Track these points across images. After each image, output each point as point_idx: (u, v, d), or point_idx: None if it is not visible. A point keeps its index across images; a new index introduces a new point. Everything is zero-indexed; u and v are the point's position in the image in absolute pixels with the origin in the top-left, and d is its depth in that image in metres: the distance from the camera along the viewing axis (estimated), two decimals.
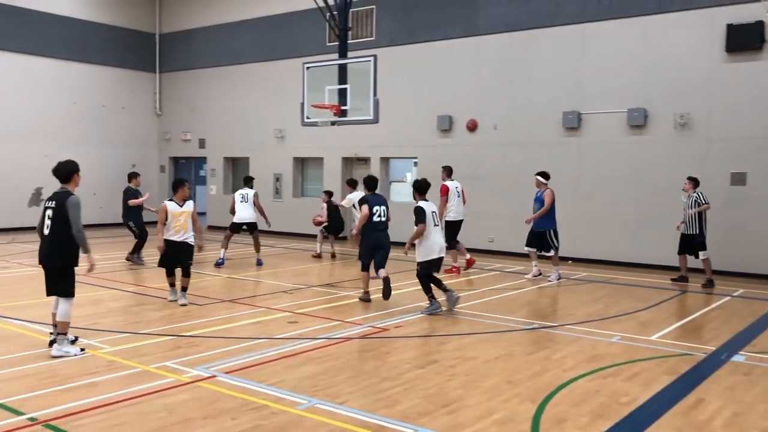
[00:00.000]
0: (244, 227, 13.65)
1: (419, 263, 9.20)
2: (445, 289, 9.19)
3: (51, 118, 20.27)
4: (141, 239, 13.45)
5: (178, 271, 9.45)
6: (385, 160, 18.17)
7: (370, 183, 10.05)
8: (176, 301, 9.36)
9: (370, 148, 18.01)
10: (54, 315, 6.76)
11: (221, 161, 21.74)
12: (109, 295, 10.01)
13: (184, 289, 9.37)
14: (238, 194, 13.77)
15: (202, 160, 22.73)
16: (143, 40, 22.81)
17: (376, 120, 12.66)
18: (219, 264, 13.02)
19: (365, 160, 18.52)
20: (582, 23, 14.68)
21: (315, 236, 15.39)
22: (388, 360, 6.79)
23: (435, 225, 9.22)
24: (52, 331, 6.85)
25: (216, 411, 5.18)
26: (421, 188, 9.44)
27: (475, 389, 5.86)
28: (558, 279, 12.04)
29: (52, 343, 6.73)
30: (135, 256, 13.40)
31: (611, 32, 14.33)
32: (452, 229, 12.67)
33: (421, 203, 9.27)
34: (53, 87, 20.34)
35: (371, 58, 12.51)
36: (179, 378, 5.97)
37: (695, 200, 11.75)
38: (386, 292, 9.37)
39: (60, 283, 6.69)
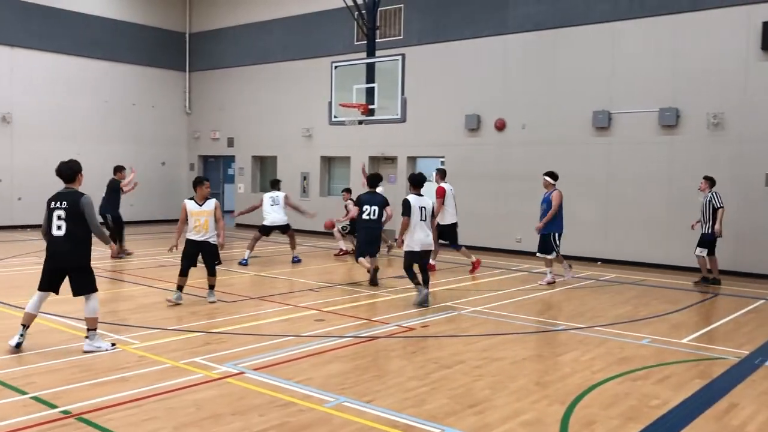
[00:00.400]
0: (277, 230, 13.65)
1: (405, 253, 9.57)
2: (418, 283, 9.47)
3: (82, 117, 20.62)
4: (118, 232, 13.78)
5: (193, 272, 9.26)
6: (411, 159, 18.14)
7: (415, 180, 9.81)
8: (173, 301, 9.07)
9: (397, 147, 18.00)
10: (31, 315, 6.73)
11: (249, 160, 21.91)
12: (141, 292, 10.14)
13: (211, 287, 9.38)
14: (267, 197, 13.67)
15: (230, 159, 22.93)
16: (173, 39, 23.08)
17: (403, 119, 12.65)
18: (243, 263, 13.10)
19: (392, 160, 18.51)
20: (613, 21, 14.50)
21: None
22: (415, 359, 6.78)
23: (422, 219, 9.41)
24: (22, 333, 6.67)
25: (244, 407, 5.22)
26: (414, 182, 9.69)
27: (503, 390, 5.82)
28: (550, 282, 11.52)
29: (19, 346, 6.63)
30: (123, 249, 13.81)
31: (643, 30, 14.13)
32: (446, 232, 12.67)
33: (410, 196, 9.52)
34: (85, 86, 20.69)
35: (399, 57, 12.50)
36: (208, 374, 6.03)
37: (710, 200, 11.70)
38: (372, 280, 10.89)
39: (83, 281, 6.72)
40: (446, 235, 12.76)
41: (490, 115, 16.32)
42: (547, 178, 11.80)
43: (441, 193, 12.69)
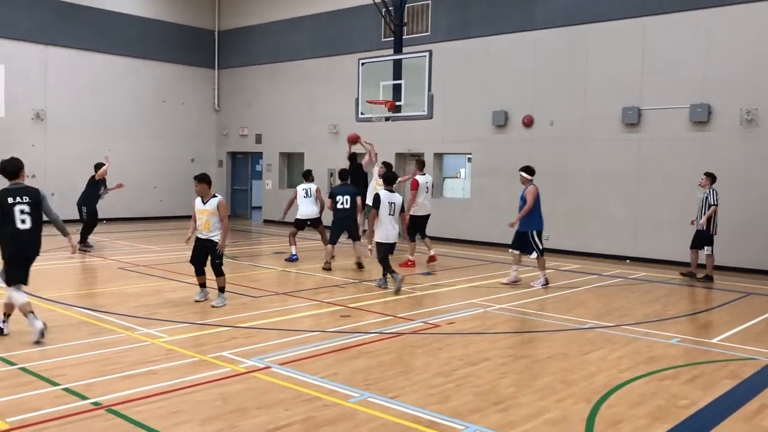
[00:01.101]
0: (308, 223, 13.52)
1: (376, 244, 10.35)
2: (393, 272, 10.25)
3: (114, 114, 20.96)
4: (89, 226, 14.02)
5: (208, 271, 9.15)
6: (438, 156, 18.10)
7: (387, 179, 10.72)
8: (203, 300, 9.06)
9: (423, 143, 17.97)
10: (9, 305, 7.01)
11: (277, 156, 22.06)
12: (169, 286, 10.28)
13: (220, 289, 8.96)
14: (300, 189, 13.48)
15: (258, 155, 23.11)
16: (203, 37, 23.33)
17: (430, 115, 12.63)
18: (291, 260, 13.15)
19: (419, 156, 18.47)
20: (643, 17, 14.29)
21: (365, 231, 15.19)
22: (440, 356, 6.77)
23: (390, 214, 10.30)
24: (4, 319, 7.07)
25: (270, 401, 5.27)
26: (386, 180, 10.61)
27: (528, 388, 5.79)
28: (544, 285, 10.88)
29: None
30: (84, 243, 13.95)
31: (673, 25, 13.91)
32: (417, 223, 12.96)
33: (382, 192, 10.38)
34: (116, 83, 21.02)
35: (426, 54, 12.49)
36: (235, 368, 6.10)
37: (706, 197, 11.82)
38: (327, 266, 11.99)
39: (28, 271, 7.11)
40: (416, 226, 12.99)
41: (517, 112, 16.20)
42: (523, 174, 11.23)
43: (414, 186, 12.94)
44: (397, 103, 12.83)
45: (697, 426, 5.05)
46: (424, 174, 13.31)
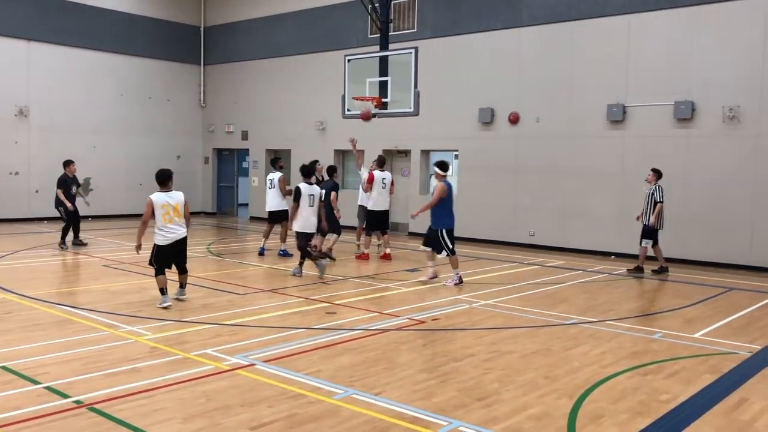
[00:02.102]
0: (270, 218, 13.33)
1: (296, 234, 10.92)
2: (316, 258, 10.92)
3: (99, 110, 20.81)
4: (68, 225, 13.87)
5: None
6: (425, 153, 18.11)
7: (304, 171, 11.29)
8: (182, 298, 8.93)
9: (410, 140, 17.99)
10: None
11: (263, 153, 21.99)
12: (153, 284, 10.20)
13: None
14: (267, 180, 13.33)
15: (244, 152, 23.03)
16: (188, 33, 23.18)
17: (416, 112, 12.63)
18: (260, 254, 13.20)
19: (405, 153, 18.51)
20: (628, 14, 14.36)
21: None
22: (425, 352, 6.79)
23: (310, 205, 10.93)
24: None
25: (254, 399, 5.26)
26: (304, 172, 11.22)
27: (512, 383, 5.82)
28: (457, 283, 10.53)
29: None
30: (61, 242, 13.83)
31: (658, 23, 13.99)
32: (370, 217, 13.28)
33: (302, 185, 10.99)
34: (101, 79, 20.86)
35: (412, 50, 12.47)
36: (219, 365, 6.09)
37: (652, 192, 12.06)
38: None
39: None
40: (377, 221, 13.26)
41: (503, 109, 16.24)
42: (437, 170, 10.64)
43: (370, 179, 13.27)
44: (384, 100, 12.82)
45: (677, 420, 5.10)
46: (384, 171, 13.57)
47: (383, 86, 12.85)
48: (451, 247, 10.57)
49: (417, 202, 17.78)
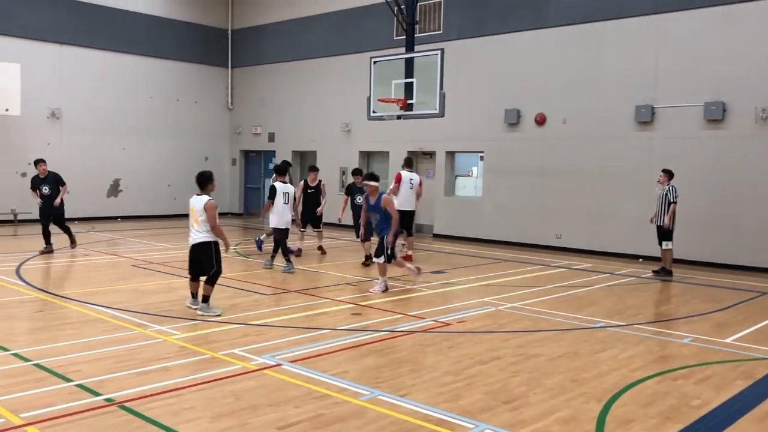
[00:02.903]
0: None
1: (274, 230, 11.61)
2: (288, 260, 11.62)
3: (128, 112, 21.12)
4: (44, 228, 13.30)
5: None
6: (450, 154, 18.08)
7: (279, 169, 11.90)
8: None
9: (435, 142, 17.97)
10: None
11: (290, 155, 22.11)
12: (182, 284, 10.33)
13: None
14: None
15: (271, 154, 23.19)
16: (216, 36, 23.44)
17: (442, 114, 12.62)
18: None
19: (431, 154, 18.48)
20: (658, 14, 14.18)
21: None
22: (451, 354, 6.78)
23: (285, 203, 11.50)
24: None
25: (280, 399, 5.30)
26: (278, 170, 11.85)
27: (539, 387, 5.78)
28: (383, 290, 9.92)
29: None
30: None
31: (689, 22, 13.80)
32: (409, 219, 13.27)
33: (276, 183, 11.53)
34: (131, 82, 21.18)
35: (438, 52, 12.48)
36: (246, 365, 6.13)
37: (665, 193, 11.94)
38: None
39: None
40: (402, 221, 12.53)
41: (530, 110, 16.15)
42: (371, 183, 10.05)
43: (398, 179, 13.18)
44: (409, 102, 12.84)
45: (709, 426, 5.02)
46: (411, 171, 13.49)
47: (409, 88, 12.87)
48: (389, 254, 9.96)
49: (442, 204, 17.77)
